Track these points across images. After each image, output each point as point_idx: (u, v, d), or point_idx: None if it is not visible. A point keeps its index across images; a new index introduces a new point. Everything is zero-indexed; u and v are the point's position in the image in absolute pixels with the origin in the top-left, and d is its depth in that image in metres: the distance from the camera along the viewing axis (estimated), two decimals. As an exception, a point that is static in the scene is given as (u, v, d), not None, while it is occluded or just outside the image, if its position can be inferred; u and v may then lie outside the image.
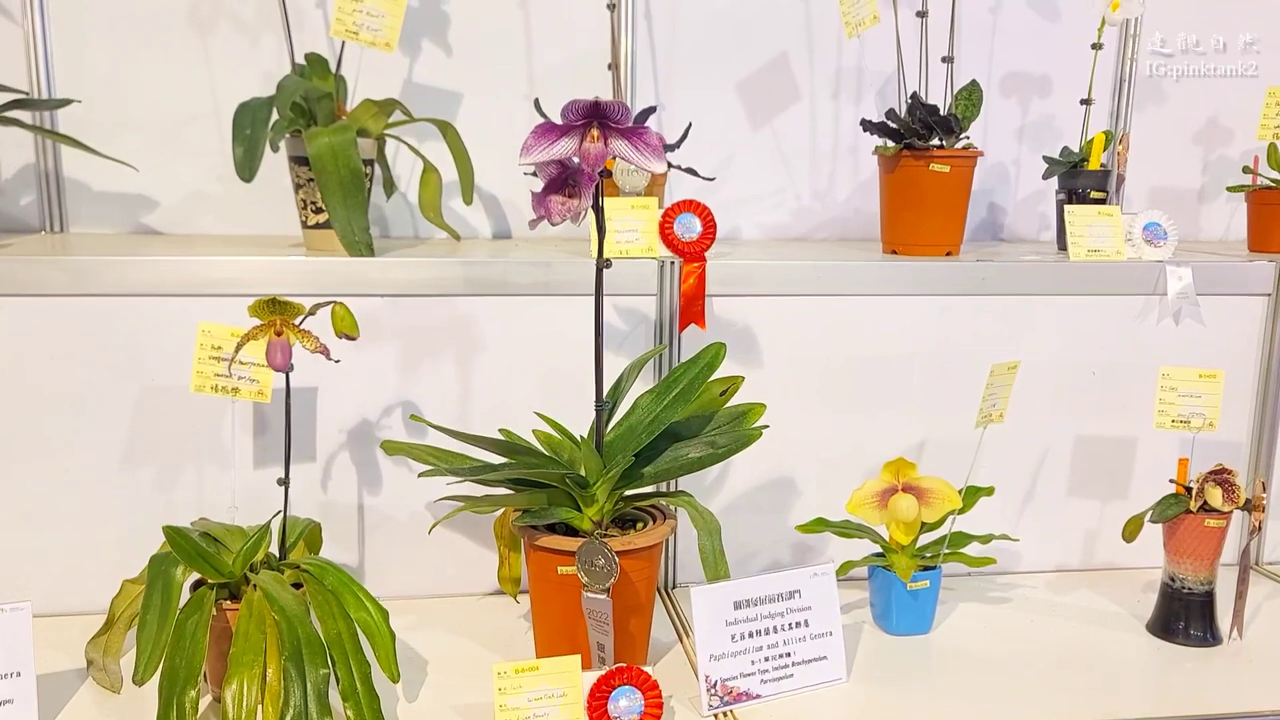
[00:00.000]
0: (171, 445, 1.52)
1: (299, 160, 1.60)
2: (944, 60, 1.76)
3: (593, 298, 1.58)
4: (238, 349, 1.28)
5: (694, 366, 1.34)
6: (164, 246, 1.73)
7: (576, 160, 1.18)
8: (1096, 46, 1.86)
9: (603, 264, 1.28)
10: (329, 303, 1.31)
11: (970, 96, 1.77)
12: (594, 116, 1.16)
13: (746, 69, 2.02)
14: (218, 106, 1.87)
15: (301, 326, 1.30)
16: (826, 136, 2.07)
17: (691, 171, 1.69)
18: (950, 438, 1.68)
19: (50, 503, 1.51)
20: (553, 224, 1.22)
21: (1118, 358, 1.71)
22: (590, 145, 1.16)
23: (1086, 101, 1.89)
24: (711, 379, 1.35)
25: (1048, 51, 2.08)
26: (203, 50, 1.86)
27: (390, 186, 1.78)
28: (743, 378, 1.40)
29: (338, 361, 1.31)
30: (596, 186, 1.21)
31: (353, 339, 1.32)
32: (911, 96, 1.70)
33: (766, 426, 1.36)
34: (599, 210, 1.24)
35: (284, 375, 1.31)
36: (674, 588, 1.68)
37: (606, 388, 1.37)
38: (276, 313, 1.28)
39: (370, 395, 1.56)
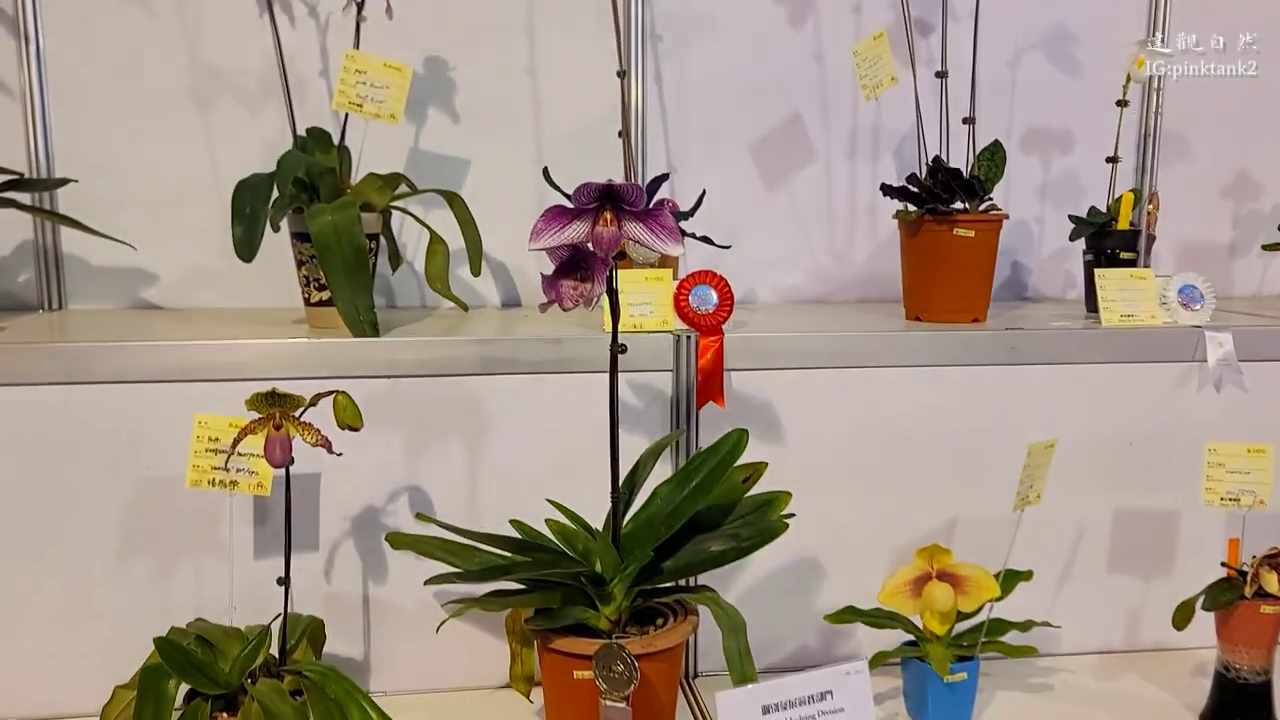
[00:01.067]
0: (168, 539, 1.46)
1: (301, 236, 1.55)
2: (965, 121, 1.71)
3: (606, 374, 1.53)
4: (234, 445, 1.22)
5: (715, 455, 1.27)
6: (163, 323, 1.67)
7: (589, 245, 1.12)
8: (1122, 104, 1.80)
9: (618, 349, 1.22)
10: (331, 392, 1.25)
11: (993, 157, 1.71)
12: (607, 199, 1.10)
13: (759, 131, 1.97)
14: (218, 180, 1.82)
15: (302, 419, 1.23)
16: (843, 197, 2.02)
17: (706, 240, 1.63)
18: (982, 515, 1.61)
19: (40, 601, 1.44)
20: (564, 309, 1.16)
21: (1156, 428, 1.64)
22: (603, 230, 1.10)
23: (1113, 159, 1.83)
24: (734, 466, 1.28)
25: (1069, 107, 2.03)
26: (203, 124, 1.82)
27: (396, 259, 1.73)
28: (766, 464, 1.33)
29: (339, 455, 1.24)
30: (610, 270, 1.15)
31: (355, 430, 1.26)
32: (933, 160, 1.65)
33: (792, 516, 1.29)
34: (613, 294, 1.18)
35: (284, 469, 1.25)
36: (695, 678, 1.60)
37: (623, 473, 1.30)
38: (275, 406, 1.22)
39: (376, 481, 1.49)
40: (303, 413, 1.24)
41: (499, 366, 1.49)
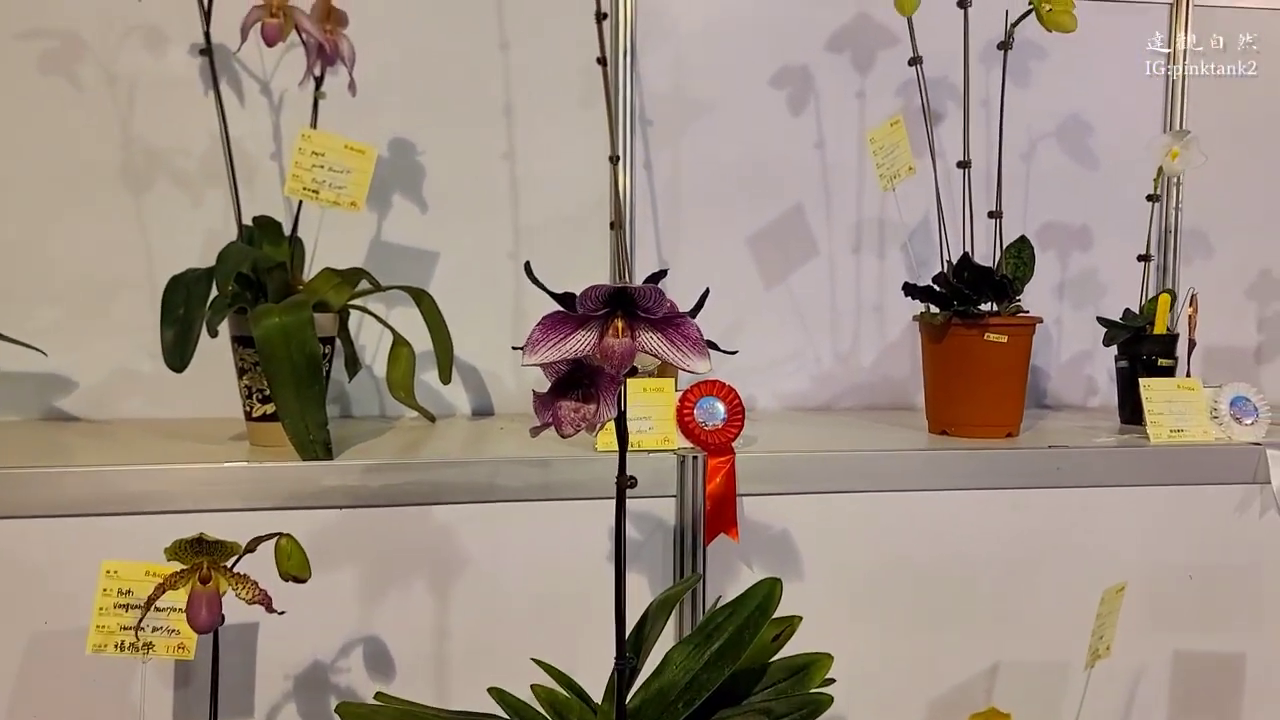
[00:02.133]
0: (69, 706, 1.20)
1: (243, 341, 1.34)
2: (991, 215, 1.55)
3: (600, 501, 1.32)
4: (148, 605, 0.98)
5: (741, 609, 1.05)
6: (76, 439, 1.44)
7: (597, 359, 0.92)
8: (1153, 198, 1.66)
9: (626, 482, 1.01)
10: (273, 535, 1.02)
11: (1020, 254, 1.56)
12: (617, 304, 0.91)
13: (757, 222, 1.81)
14: (152, 273, 1.61)
15: (235, 570, 1.00)
16: (848, 294, 1.85)
17: (712, 345, 1.43)
18: (1028, 659, 1.40)
19: (-95, 786, 1.17)
20: (563, 435, 0.95)
21: (1217, 558, 1.45)
22: (614, 341, 0.90)
23: (1145, 258, 1.68)
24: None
25: (1087, 201, 1.90)
26: (136, 209, 1.61)
27: (354, 365, 1.52)
28: (800, 618, 1.11)
29: (281, 614, 1.01)
30: (620, 389, 0.95)
31: (301, 582, 1.03)
32: (962, 258, 1.48)
33: (833, 681, 1.07)
34: (622, 417, 0.98)
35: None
36: None
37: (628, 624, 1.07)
38: (202, 554, 0.99)
39: (325, 632, 1.26)
40: (236, 561, 1.01)
41: (474, 494, 1.27)
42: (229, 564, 1.00)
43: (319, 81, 1.39)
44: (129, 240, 1.61)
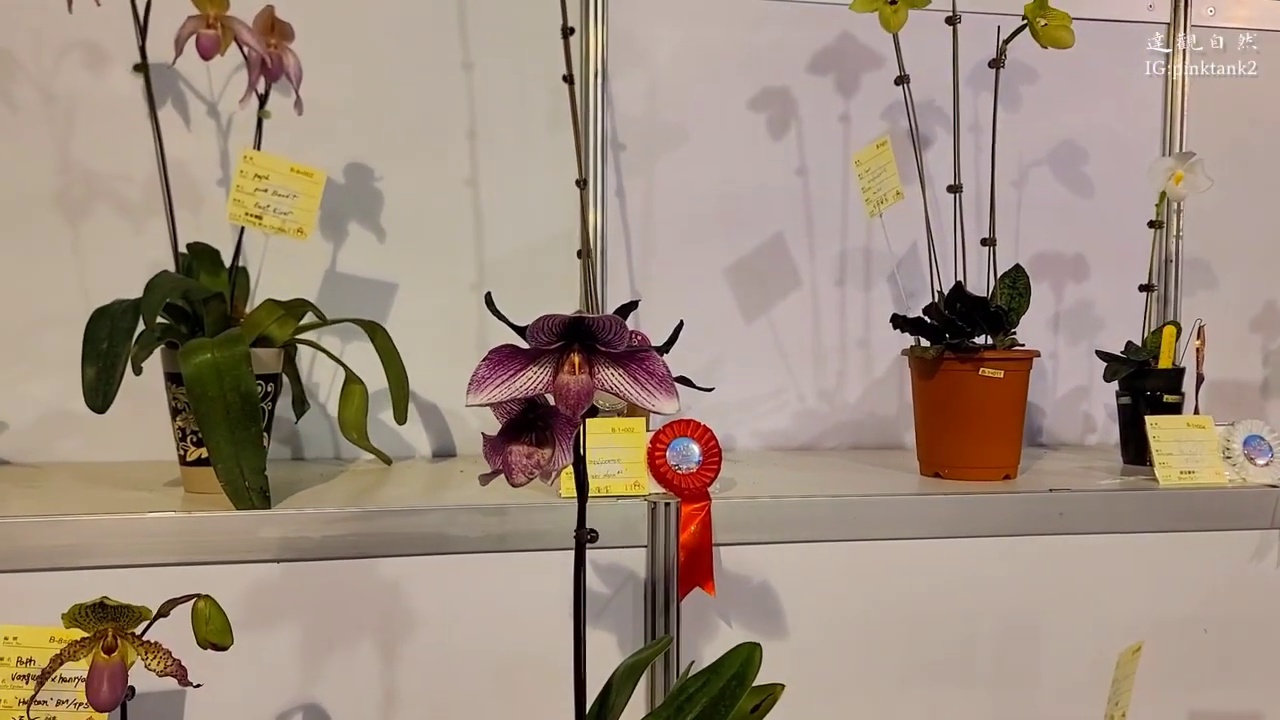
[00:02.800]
0: (-33, 787, 1.07)
1: (176, 379, 1.23)
2: (984, 243, 1.46)
3: (562, 552, 1.21)
4: (42, 680, 0.87)
5: (716, 678, 0.94)
6: (6, 486, 1.33)
7: (550, 399, 0.81)
8: (1156, 224, 1.58)
9: (585, 535, 0.90)
10: (189, 598, 0.91)
11: (1015, 284, 1.47)
12: (574, 336, 0.81)
13: (736, 253, 1.72)
14: (89, 307, 1.47)
15: (144, 637, 0.89)
16: (832, 329, 1.75)
17: (685, 381, 1.33)
18: (1031, 718, 1.29)
19: None
20: (514, 484, 0.85)
21: (1232, 609, 1.35)
22: (570, 379, 0.80)
23: (1148, 287, 1.60)
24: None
25: (1081, 230, 1.81)
26: (72, 238, 1.51)
27: (302, 405, 1.41)
28: (782, 686, 1.00)
29: (198, 686, 0.90)
30: (578, 432, 0.85)
31: (222, 649, 0.91)
32: (954, 288, 1.39)
33: (819, 758, 0.96)
34: (581, 463, 0.87)
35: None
36: None
37: (591, 694, 0.96)
38: (106, 620, 0.87)
39: (259, 699, 1.14)
40: (147, 628, 0.89)
41: (425, 545, 1.16)
42: (138, 630, 0.89)
43: (263, 100, 1.29)
44: (62, 273, 1.50)
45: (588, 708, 0.96)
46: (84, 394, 1.13)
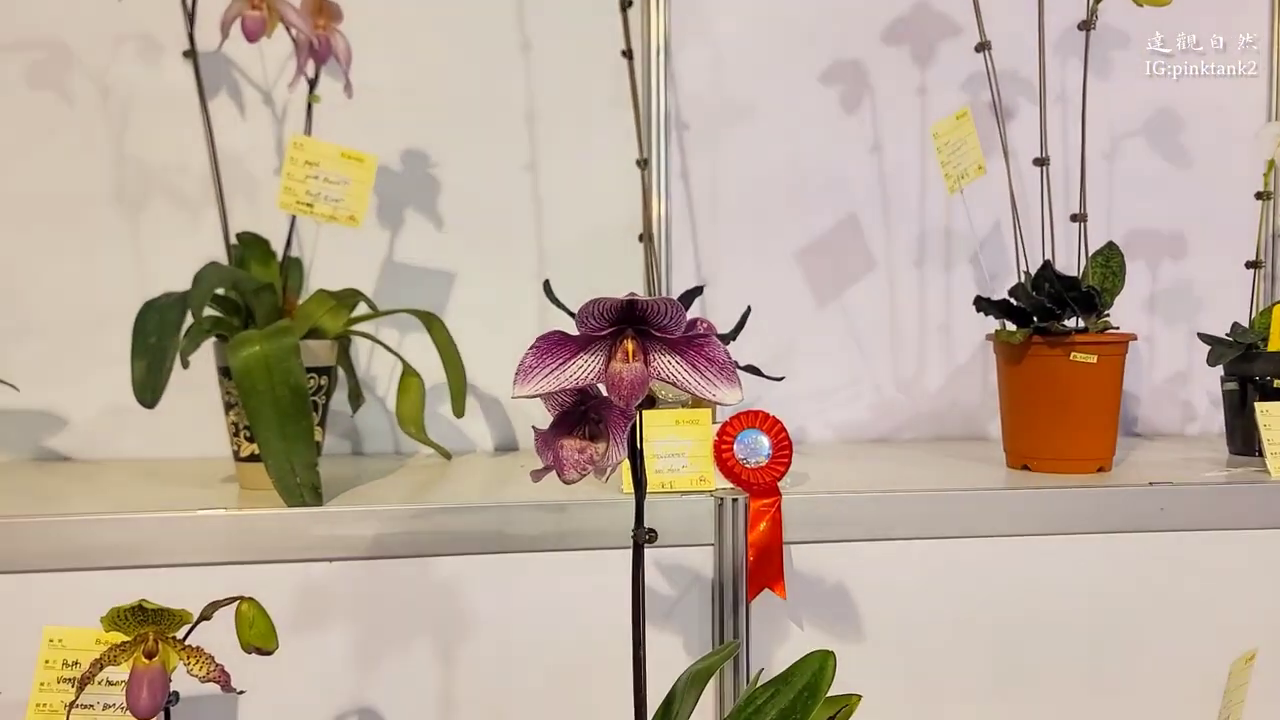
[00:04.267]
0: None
1: (227, 372, 1.20)
2: (1074, 219, 1.36)
3: (626, 550, 1.16)
4: (81, 685, 0.84)
5: (787, 688, 0.87)
6: (56, 480, 1.33)
7: (603, 389, 0.75)
8: (1264, 196, 1.46)
9: (644, 535, 0.84)
10: (232, 600, 0.87)
11: (1109, 263, 1.37)
12: (628, 321, 0.74)
13: (808, 235, 1.64)
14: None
15: (187, 641, 0.85)
16: (910, 313, 1.66)
17: (754, 370, 1.26)
18: (1132, 733, 1.20)
19: None
20: (565, 480, 0.79)
21: (1357, 614, 1.23)
22: (623, 367, 0.73)
23: (1255, 264, 1.48)
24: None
25: (1179, 205, 1.69)
26: (130, 232, 1.49)
27: (357, 399, 1.37)
28: (858, 698, 0.93)
29: (241, 693, 0.86)
30: (633, 424, 0.79)
31: (266, 654, 0.87)
32: (1042, 266, 1.29)
33: (900, 777, 0.89)
34: (638, 459, 0.81)
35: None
36: None
37: (651, 706, 0.90)
38: (148, 624, 0.84)
39: (312, 702, 1.10)
40: (189, 632, 0.86)
41: (481, 543, 1.11)
42: (179, 634, 0.85)
43: (313, 84, 1.26)
44: (121, 268, 1.49)
45: (650, 716, 0.90)
46: (133, 389, 1.10)
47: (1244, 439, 1.43)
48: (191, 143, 1.47)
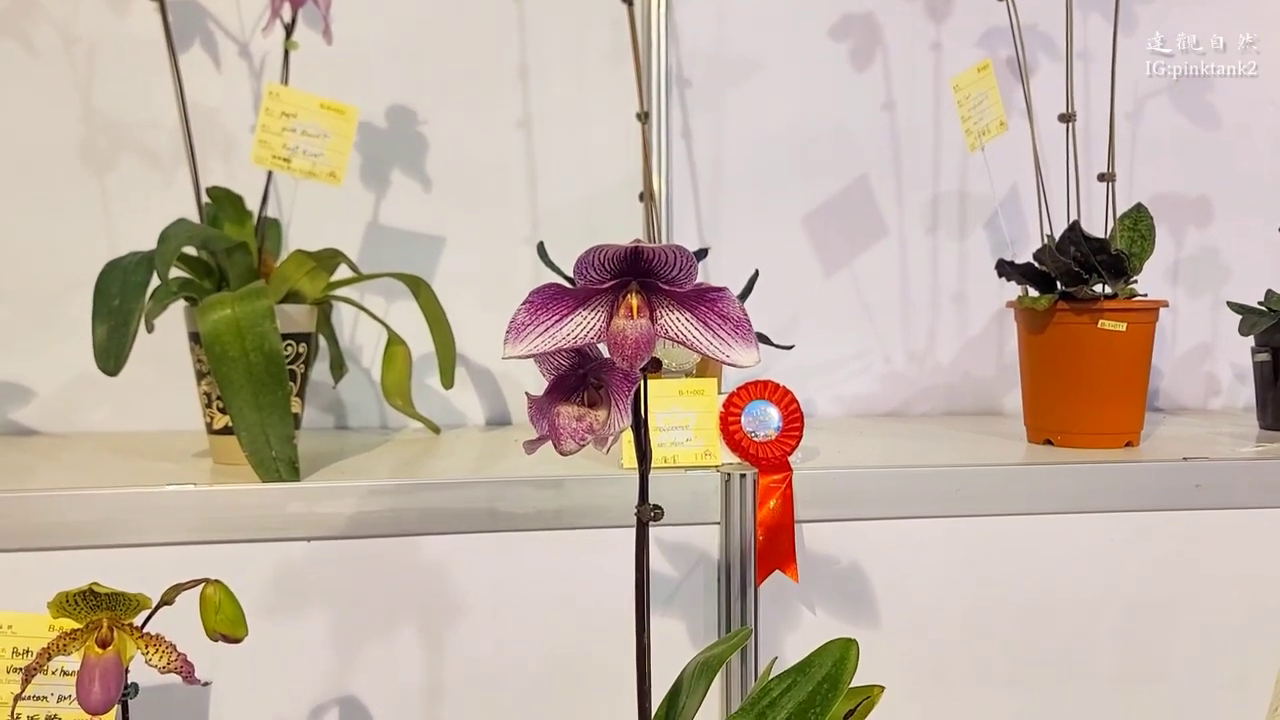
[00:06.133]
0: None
1: (198, 338, 1.11)
2: (1101, 178, 1.28)
3: (625, 530, 1.07)
4: (28, 676, 0.76)
5: (804, 679, 0.80)
6: (20, 456, 1.24)
7: (604, 348, 0.68)
8: (1300, 156, 1.38)
9: (649, 513, 0.76)
10: (195, 583, 0.79)
11: (1137, 226, 1.29)
12: (632, 273, 0.66)
13: (815, 198, 1.56)
14: (116, 264, 1.40)
15: (145, 629, 0.78)
16: (922, 281, 1.59)
17: (762, 339, 1.19)
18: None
19: None
20: (562, 451, 0.71)
21: (1401, 597, 1.17)
22: (627, 324, 0.65)
23: (1289, 229, 1.40)
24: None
25: (1205, 168, 1.62)
26: (98, 193, 1.41)
27: (340, 368, 1.29)
28: (881, 689, 0.86)
29: (205, 685, 0.78)
30: (638, 390, 0.71)
31: (234, 641, 0.79)
32: (1070, 227, 1.21)
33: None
34: (642, 428, 0.73)
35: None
36: None
37: (656, 697, 0.83)
38: (100, 610, 0.76)
39: (288, 692, 1.02)
40: (149, 618, 0.78)
41: (471, 522, 1.04)
42: (136, 621, 0.77)
43: (289, 28, 1.17)
44: (88, 231, 1.40)
45: (654, 709, 0.82)
46: (95, 355, 1.02)
47: (1275, 412, 1.37)
48: (163, 97, 1.38)
